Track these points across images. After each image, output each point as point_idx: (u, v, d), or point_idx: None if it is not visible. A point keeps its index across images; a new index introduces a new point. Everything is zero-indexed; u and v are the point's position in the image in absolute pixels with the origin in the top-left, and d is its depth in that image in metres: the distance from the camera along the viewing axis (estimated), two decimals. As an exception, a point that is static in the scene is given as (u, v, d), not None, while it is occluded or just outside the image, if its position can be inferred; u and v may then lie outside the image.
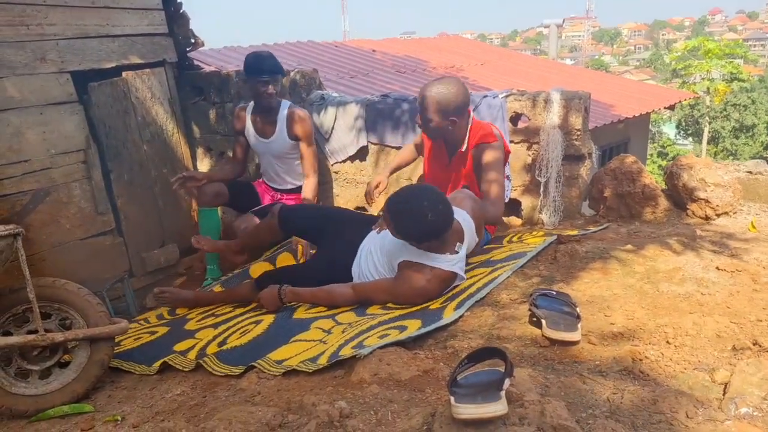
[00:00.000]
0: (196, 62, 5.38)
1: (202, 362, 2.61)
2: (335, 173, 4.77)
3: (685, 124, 32.80)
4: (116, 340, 2.85)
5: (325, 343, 2.53)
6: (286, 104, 4.16)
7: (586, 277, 2.73)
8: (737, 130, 30.41)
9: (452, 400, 1.53)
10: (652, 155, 26.70)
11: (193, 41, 5.08)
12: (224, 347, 2.80)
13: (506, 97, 3.86)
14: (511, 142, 3.82)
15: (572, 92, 3.70)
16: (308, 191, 4.16)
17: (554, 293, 2.38)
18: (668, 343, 2.12)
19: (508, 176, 3.71)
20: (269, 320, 3.02)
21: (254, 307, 3.28)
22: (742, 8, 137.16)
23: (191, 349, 2.90)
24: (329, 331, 2.69)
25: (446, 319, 2.48)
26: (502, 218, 3.48)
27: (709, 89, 26.85)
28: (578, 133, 3.69)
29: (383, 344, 2.25)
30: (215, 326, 3.17)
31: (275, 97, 4.06)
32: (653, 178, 3.73)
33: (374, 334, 2.45)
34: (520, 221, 3.99)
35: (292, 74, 4.60)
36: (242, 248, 3.88)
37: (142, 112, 4.67)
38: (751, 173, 3.85)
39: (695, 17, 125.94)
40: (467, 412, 1.49)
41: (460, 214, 2.91)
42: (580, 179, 3.78)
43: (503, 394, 1.51)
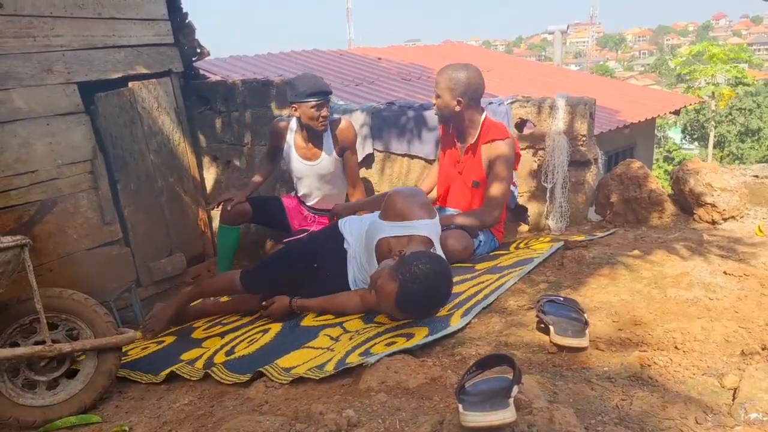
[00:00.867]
0: (201, 72, 5.41)
1: (210, 372, 2.60)
2: (341, 181, 4.76)
3: (690, 128, 32.76)
4: (123, 350, 2.85)
5: (332, 350, 2.53)
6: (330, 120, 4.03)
7: (593, 282, 2.72)
8: (743, 134, 30.35)
9: (460, 407, 1.52)
10: (658, 160, 26.64)
11: (198, 51, 5.11)
12: (232, 356, 2.80)
13: (512, 103, 3.86)
14: (520, 153, 3.83)
15: (577, 98, 3.70)
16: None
17: (562, 299, 2.37)
18: (677, 348, 2.11)
19: (514, 182, 3.71)
20: (277, 329, 3.01)
21: (260, 315, 3.27)
22: (746, 13, 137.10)
23: (199, 358, 2.90)
24: (337, 338, 2.69)
25: (454, 326, 2.47)
26: (497, 221, 3.48)
27: (714, 94, 26.82)
28: (584, 138, 3.68)
29: (390, 352, 2.24)
30: (222, 335, 3.16)
31: (328, 118, 3.92)
32: (659, 182, 3.72)
33: (381, 341, 2.45)
34: (526, 227, 3.99)
35: (297, 83, 4.60)
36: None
37: (148, 122, 4.69)
38: (757, 177, 3.83)
39: (699, 22, 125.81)
40: (476, 419, 1.49)
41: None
42: (586, 185, 3.77)
43: (512, 401, 1.51)
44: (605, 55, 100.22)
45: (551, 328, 2.20)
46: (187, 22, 4.98)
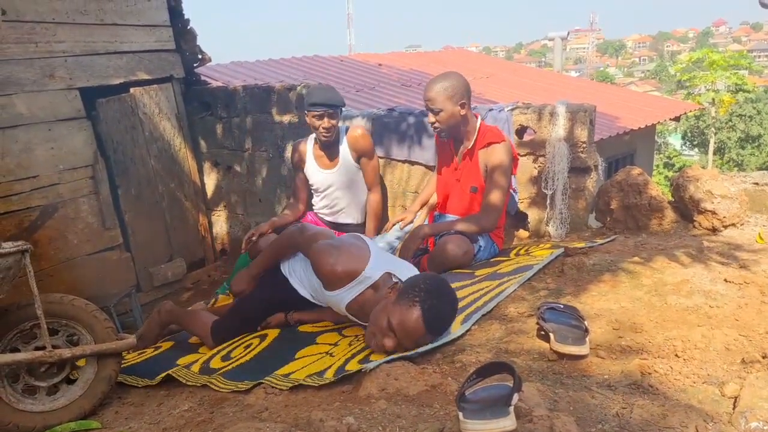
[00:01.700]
0: (203, 77, 5.43)
1: (207, 383, 2.60)
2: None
3: (690, 135, 32.80)
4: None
5: (332, 355, 2.53)
6: (344, 129, 4.05)
7: (593, 289, 2.72)
8: (743, 140, 30.38)
9: (461, 415, 1.52)
10: (658, 166, 26.66)
11: (200, 57, 5.13)
12: (228, 362, 2.79)
13: (512, 110, 3.87)
14: (518, 156, 3.83)
15: (577, 105, 3.71)
16: (372, 215, 4.06)
17: (562, 307, 2.37)
18: (677, 356, 2.11)
19: (514, 188, 3.72)
20: (274, 335, 3.01)
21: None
22: (746, 19, 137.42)
23: (195, 362, 2.90)
24: (336, 343, 2.69)
25: (454, 333, 2.47)
26: (495, 225, 3.48)
27: (714, 100, 26.86)
28: (584, 145, 3.69)
29: (389, 359, 2.24)
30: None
31: (334, 130, 3.87)
32: (660, 189, 3.72)
33: (381, 348, 2.44)
34: (527, 233, 3.99)
35: (298, 88, 4.62)
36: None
37: (149, 127, 4.70)
38: (757, 184, 3.83)
39: (699, 29, 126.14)
40: (476, 427, 1.49)
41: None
42: (586, 191, 3.78)
43: (512, 409, 1.51)
44: (605, 61, 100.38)
45: (551, 335, 2.20)
46: (188, 28, 5.00)
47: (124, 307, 4.30)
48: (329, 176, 4.07)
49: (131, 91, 4.57)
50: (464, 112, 3.43)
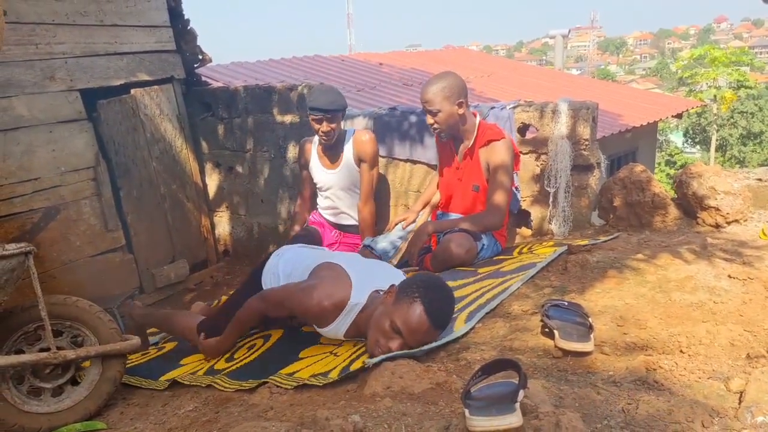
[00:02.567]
0: (203, 78, 5.43)
1: (212, 383, 2.60)
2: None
3: (692, 132, 32.76)
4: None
5: (336, 355, 2.53)
6: (351, 131, 4.04)
7: (597, 287, 2.72)
8: (745, 137, 30.34)
9: (467, 412, 1.52)
10: (660, 164, 26.63)
11: (200, 57, 5.13)
12: (232, 363, 2.79)
13: (514, 108, 3.86)
14: (520, 153, 3.83)
15: (580, 102, 3.70)
16: (364, 226, 4.02)
17: (566, 304, 2.37)
18: (682, 352, 2.11)
19: (517, 186, 3.71)
20: (277, 335, 3.01)
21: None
22: (747, 16, 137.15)
23: (200, 369, 2.88)
24: (340, 343, 2.68)
25: (458, 331, 2.47)
26: (501, 224, 3.47)
27: (716, 97, 26.80)
28: (586, 142, 3.68)
29: (392, 354, 2.24)
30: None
31: (333, 134, 3.86)
32: (662, 186, 3.71)
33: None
34: (529, 232, 3.98)
35: (299, 88, 4.62)
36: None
37: (150, 128, 4.70)
38: (761, 180, 3.83)
39: (700, 25, 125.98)
40: (482, 424, 1.48)
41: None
42: (589, 189, 3.77)
43: (518, 406, 1.50)
44: (606, 59, 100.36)
45: (556, 332, 2.20)
46: (189, 28, 5.00)
47: (126, 308, 4.29)
48: (331, 177, 4.07)
49: (132, 92, 4.57)
50: (462, 111, 3.43)
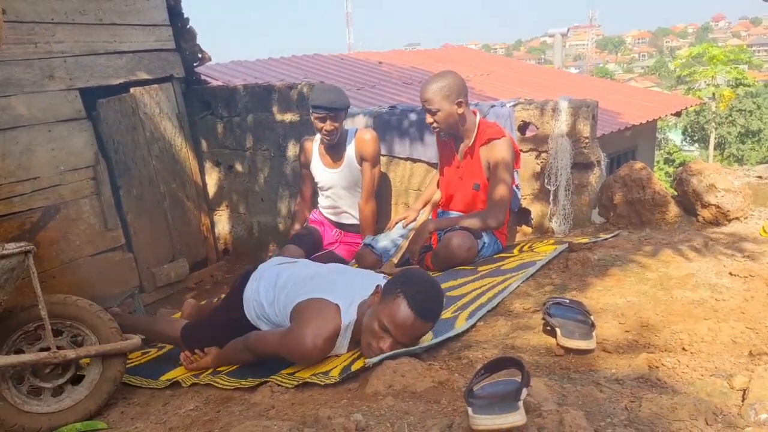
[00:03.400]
0: (203, 77, 5.42)
1: (211, 381, 2.59)
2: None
3: (691, 130, 32.77)
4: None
5: (337, 355, 2.52)
6: (353, 130, 4.03)
7: (598, 284, 2.72)
8: (743, 135, 30.35)
9: (470, 410, 1.52)
10: (658, 162, 26.65)
11: (200, 56, 5.11)
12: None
13: (514, 106, 3.86)
14: (520, 151, 3.82)
15: (580, 100, 3.69)
16: (365, 225, 4.01)
17: (568, 301, 2.37)
18: (684, 349, 2.11)
19: (517, 185, 3.71)
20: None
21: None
22: (745, 14, 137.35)
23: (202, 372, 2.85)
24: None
25: (458, 329, 2.46)
26: (502, 221, 3.46)
27: (714, 95, 26.81)
28: (586, 140, 3.68)
29: (394, 353, 2.23)
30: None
31: (336, 133, 3.85)
32: (663, 184, 3.71)
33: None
34: (530, 229, 3.98)
35: (299, 87, 4.61)
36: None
37: (150, 127, 4.69)
38: (761, 178, 3.82)
39: (698, 24, 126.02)
40: (485, 422, 1.48)
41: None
42: (589, 187, 3.77)
43: (521, 404, 1.50)
44: (605, 57, 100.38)
45: (558, 330, 2.20)
46: (188, 27, 4.99)
47: (127, 307, 4.28)
48: (332, 176, 4.06)
49: (131, 91, 4.56)
50: (462, 110, 3.43)
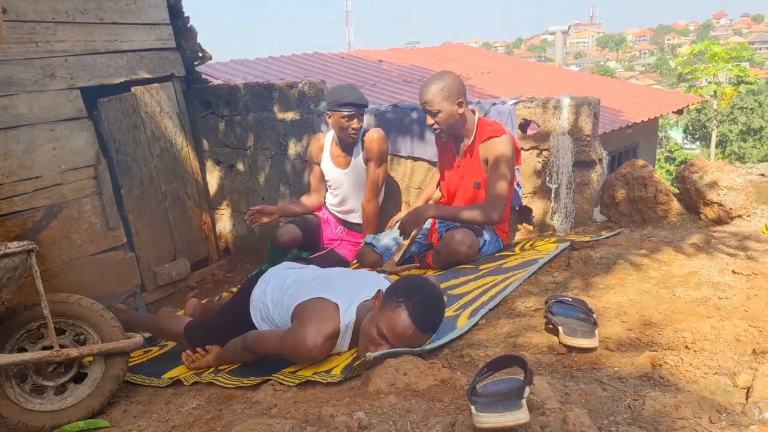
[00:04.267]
0: (204, 76, 5.41)
1: (213, 380, 2.59)
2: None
3: (692, 128, 32.73)
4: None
5: (338, 354, 2.52)
6: (363, 130, 4.02)
7: (601, 283, 2.71)
8: (744, 133, 30.33)
9: (473, 409, 1.51)
10: (659, 160, 26.63)
11: (200, 55, 5.11)
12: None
13: (515, 103, 3.85)
14: (521, 149, 3.82)
15: (582, 98, 3.69)
16: (366, 224, 4.04)
17: (570, 300, 2.36)
18: (687, 348, 2.10)
19: (518, 182, 3.70)
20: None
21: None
22: (747, 11, 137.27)
23: (204, 370, 2.85)
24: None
25: (460, 328, 2.46)
26: (502, 213, 3.44)
27: (715, 93, 26.76)
28: (588, 138, 3.67)
29: (395, 351, 2.22)
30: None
31: (360, 131, 3.92)
32: (665, 182, 3.70)
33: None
34: (531, 228, 3.97)
35: (300, 85, 4.61)
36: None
37: (151, 126, 4.69)
38: (763, 176, 3.82)
39: (700, 21, 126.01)
40: (489, 420, 1.47)
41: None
42: (591, 185, 3.76)
43: (524, 402, 1.49)
44: (606, 55, 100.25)
45: (560, 329, 2.19)
46: (189, 26, 4.98)
47: (128, 306, 4.28)
48: (341, 175, 4.08)
49: (132, 90, 4.56)
50: (462, 110, 3.42)
